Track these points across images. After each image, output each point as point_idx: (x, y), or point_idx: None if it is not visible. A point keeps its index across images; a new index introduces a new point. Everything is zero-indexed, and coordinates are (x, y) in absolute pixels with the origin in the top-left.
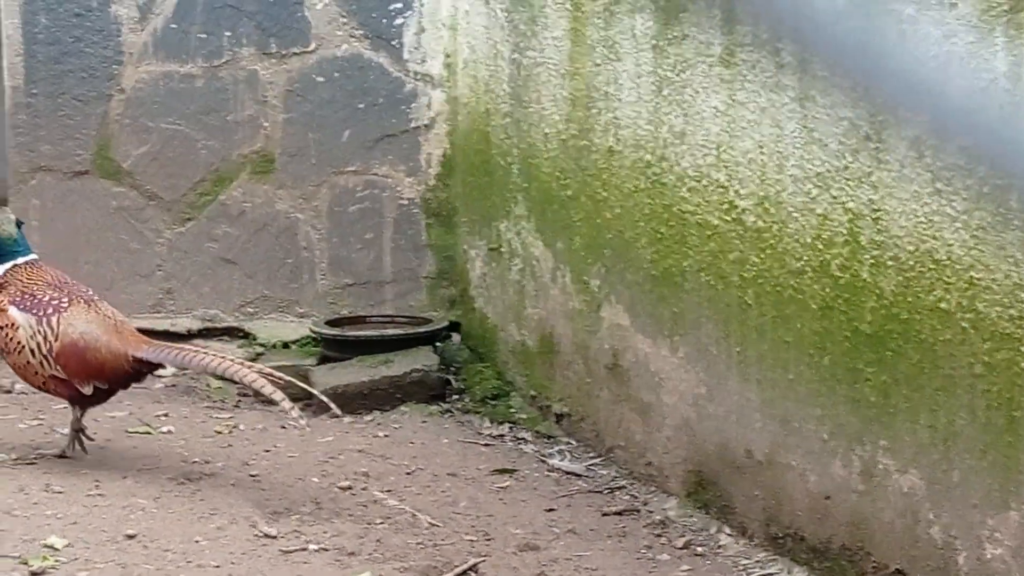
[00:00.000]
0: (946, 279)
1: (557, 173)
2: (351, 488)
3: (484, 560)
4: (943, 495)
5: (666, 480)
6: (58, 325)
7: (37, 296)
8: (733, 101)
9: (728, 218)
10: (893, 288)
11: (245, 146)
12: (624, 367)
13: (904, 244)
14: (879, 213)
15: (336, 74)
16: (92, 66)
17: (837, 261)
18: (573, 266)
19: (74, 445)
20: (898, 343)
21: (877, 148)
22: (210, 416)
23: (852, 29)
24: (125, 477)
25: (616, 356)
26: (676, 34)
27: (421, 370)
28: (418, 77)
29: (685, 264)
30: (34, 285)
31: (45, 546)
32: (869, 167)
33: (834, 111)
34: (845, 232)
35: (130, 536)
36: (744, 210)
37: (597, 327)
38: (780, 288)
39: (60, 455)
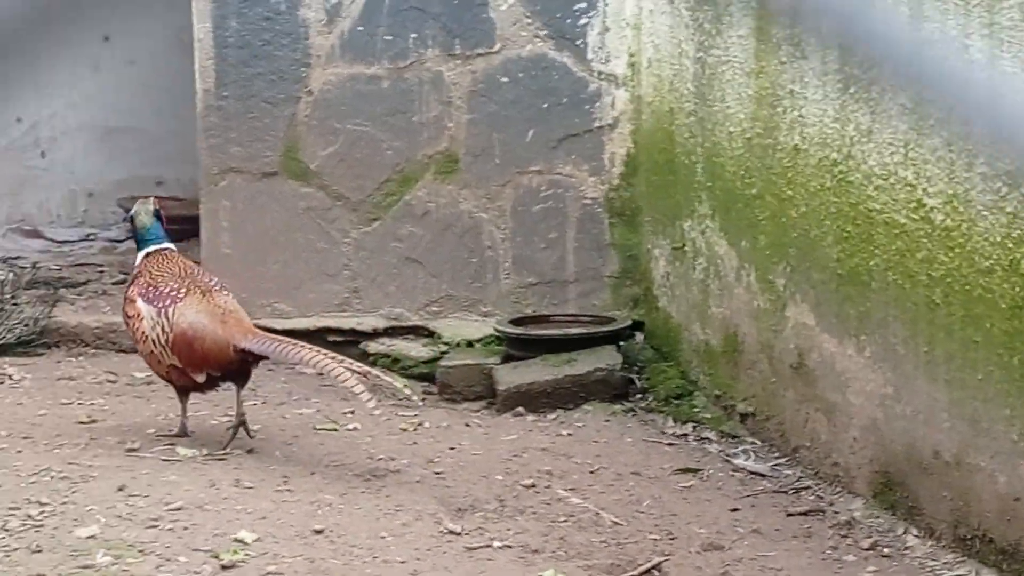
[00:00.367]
0: None
1: (742, 172)
2: (535, 486)
3: (667, 559)
4: None
5: (852, 480)
6: (173, 316)
7: (159, 288)
8: (921, 98)
9: (916, 216)
10: None
11: (430, 147)
12: (809, 367)
13: None
14: None
15: (520, 74)
16: (281, 69)
17: None
18: (758, 265)
19: (234, 434)
20: None
21: None
22: (395, 414)
23: None
24: (313, 473)
25: (801, 356)
26: None
27: (604, 369)
28: (602, 76)
29: (872, 263)
30: (160, 276)
31: (235, 540)
32: None
33: None
34: None
35: (317, 531)
36: (932, 208)
37: (782, 326)
38: (969, 287)
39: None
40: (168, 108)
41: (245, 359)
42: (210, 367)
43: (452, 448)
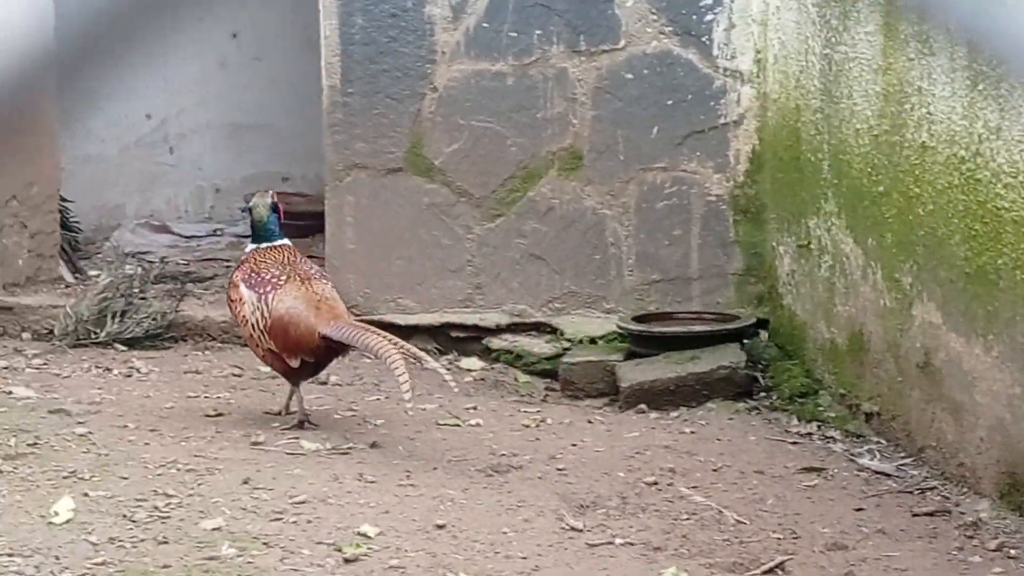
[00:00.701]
0: None
1: (868, 169)
2: (657, 484)
3: (791, 558)
4: None
5: (978, 481)
6: (272, 302)
7: (262, 275)
8: None
9: None
10: None
11: (554, 143)
12: (936, 366)
13: None
14: None
15: (645, 71)
16: (406, 65)
17: None
18: (884, 263)
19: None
20: None
21: None
22: (518, 410)
23: None
24: (435, 468)
25: (928, 355)
26: None
27: (728, 367)
28: (727, 73)
29: (1000, 262)
30: (264, 263)
31: (358, 534)
32: None
33: None
34: None
35: (439, 526)
36: None
37: (908, 325)
38: None
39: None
40: (294, 105)
41: (330, 346)
42: (303, 353)
43: (574, 445)
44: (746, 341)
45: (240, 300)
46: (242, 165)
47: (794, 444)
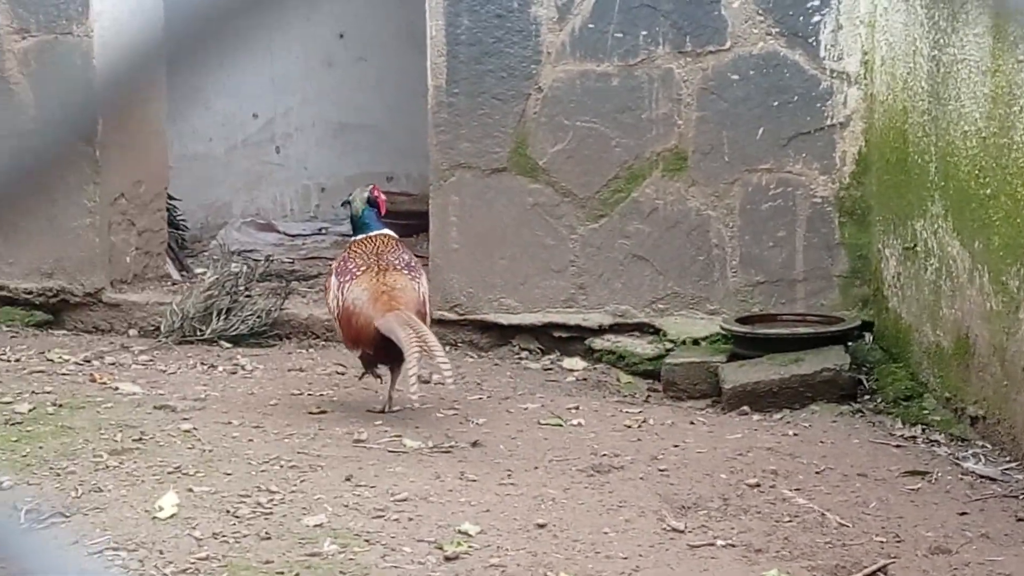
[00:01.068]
0: None
1: (976, 171)
2: (759, 485)
3: (893, 562)
4: None
5: None
6: (345, 291)
7: (348, 265)
8: None
9: None
10: None
11: (658, 144)
12: None
13: None
14: None
15: (751, 72)
16: (511, 66)
17: None
18: (991, 266)
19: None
20: None
21: None
22: (620, 410)
23: None
24: (536, 468)
25: None
26: None
27: (832, 369)
28: (834, 75)
29: None
30: (355, 253)
31: (459, 532)
32: None
33: None
34: None
35: (540, 525)
36: None
37: (1016, 329)
38: None
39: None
40: (399, 104)
41: (385, 337)
42: (363, 343)
43: (676, 446)
44: (850, 344)
45: (327, 288)
46: (347, 164)
47: (898, 447)
